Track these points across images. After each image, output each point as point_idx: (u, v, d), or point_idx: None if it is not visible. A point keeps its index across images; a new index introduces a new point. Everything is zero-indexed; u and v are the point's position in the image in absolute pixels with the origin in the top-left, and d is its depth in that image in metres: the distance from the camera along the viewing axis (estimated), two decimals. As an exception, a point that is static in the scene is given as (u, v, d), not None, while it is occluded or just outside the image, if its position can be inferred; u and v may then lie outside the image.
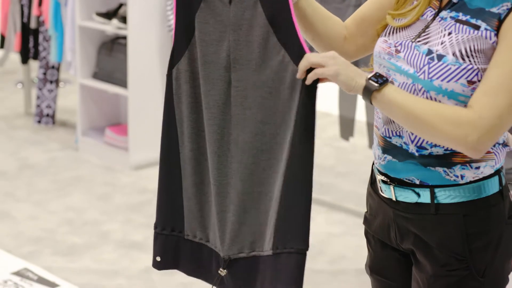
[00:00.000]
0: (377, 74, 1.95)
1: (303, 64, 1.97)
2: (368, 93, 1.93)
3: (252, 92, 2.05)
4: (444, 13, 2.00)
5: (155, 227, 2.22)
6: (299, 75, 1.98)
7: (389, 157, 2.06)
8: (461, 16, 1.96)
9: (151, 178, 5.38)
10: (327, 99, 2.08)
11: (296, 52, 2.01)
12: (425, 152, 2.00)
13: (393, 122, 2.03)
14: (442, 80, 1.92)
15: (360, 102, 5.06)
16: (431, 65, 1.94)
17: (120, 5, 5.64)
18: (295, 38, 2.02)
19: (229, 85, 2.06)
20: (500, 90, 1.86)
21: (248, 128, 2.06)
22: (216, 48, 2.05)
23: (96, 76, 5.77)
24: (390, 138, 2.05)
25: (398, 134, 2.03)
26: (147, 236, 4.52)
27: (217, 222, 2.11)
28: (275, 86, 2.03)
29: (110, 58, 5.69)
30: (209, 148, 2.09)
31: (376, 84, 1.92)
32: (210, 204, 2.15)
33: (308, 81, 1.96)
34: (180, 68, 2.08)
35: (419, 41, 2.00)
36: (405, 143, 2.02)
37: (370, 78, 1.94)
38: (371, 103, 1.95)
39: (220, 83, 2.06)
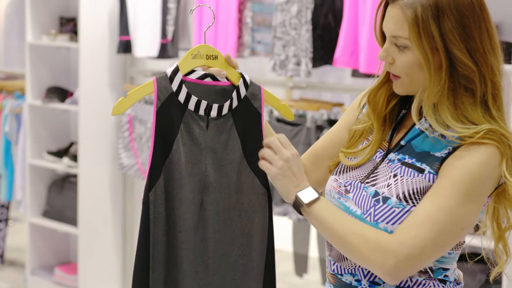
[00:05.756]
0: (309, 189, 1.97)
1: (264, 143, 2.04)
2: (296, 208, 1.97)
3: (223, 215, 2.08)
4: (392, 155, 2.02)
5: None
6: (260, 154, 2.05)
7: (339, 295, 2.05)
8: (407, 159, 1.98)
9: (101, 318, 5.29)
10: (279, 235, 2.11)
11: (266, 177, 2.09)
12: (377, 288, 1.99)
13: (346, 259, 2.03)
14: (387, 223, 1.93)
15: (313, 238, 5.05)
16: (376, 207, 1.95)
17: (71, 144, 5.66)
18: None
19: (201, 208, 2.07)
20: (426, 221, 1.86)
21: (217, 250, 2.08)
22: (191, 170, 2.06)
23: (46, 214, 5.73)
24: (341, 275, 2.04)
25: (350, 271, 2.02)
26: None
27: None
28: (245, 209, 2.09)
29: (61, 196, 5.66)
30: (180, 272, 2.07)
31: (304, 202, 1.95)
32: None
33: (260, 166, 2.03)
34: (157, 191, 2.05)
35: (367, 182, 2.02)
36: (357, 280, 2.01)
37: (299, 194, 1.96)
38: (302, 215, 1.98)
39: (193, 206, 2.06)
